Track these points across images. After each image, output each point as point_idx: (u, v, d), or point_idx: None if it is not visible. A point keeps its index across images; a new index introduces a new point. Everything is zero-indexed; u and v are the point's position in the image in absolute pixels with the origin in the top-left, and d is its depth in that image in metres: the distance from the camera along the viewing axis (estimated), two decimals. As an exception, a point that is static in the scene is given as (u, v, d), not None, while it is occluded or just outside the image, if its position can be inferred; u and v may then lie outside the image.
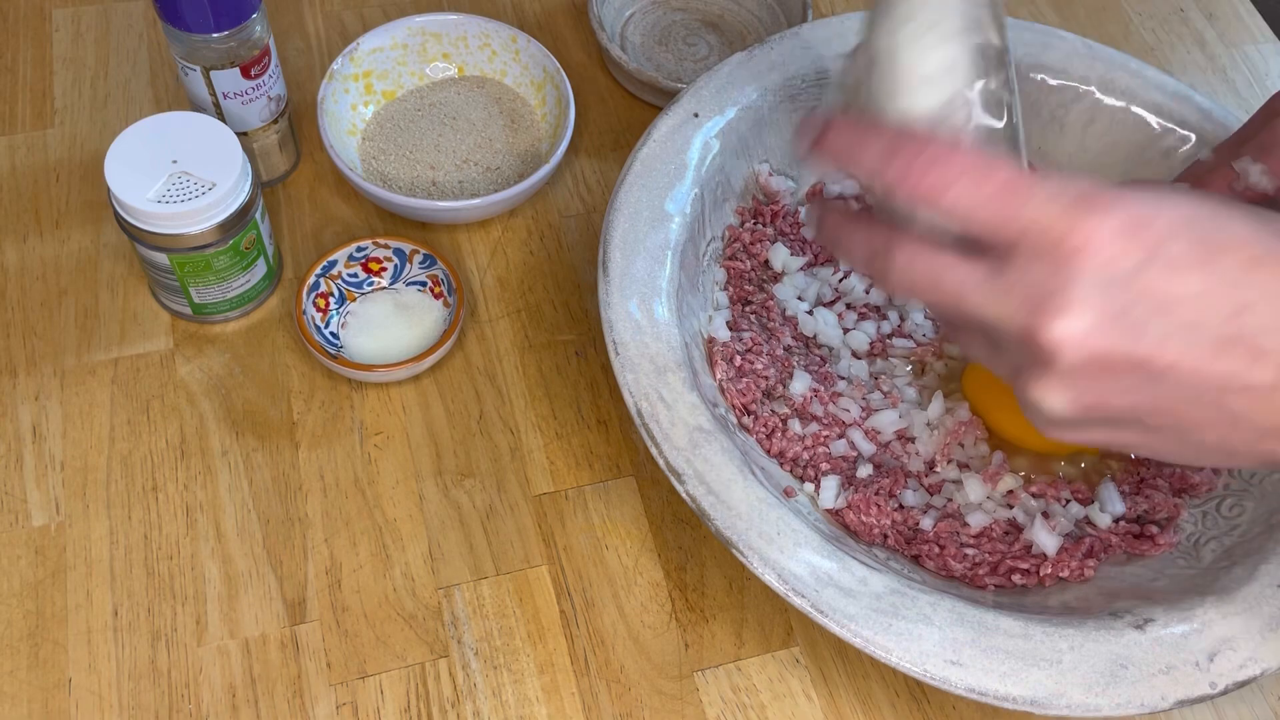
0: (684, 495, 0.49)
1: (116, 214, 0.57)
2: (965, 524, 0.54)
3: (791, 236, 0.63)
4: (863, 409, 0.58)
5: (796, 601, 0.47)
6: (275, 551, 0.56)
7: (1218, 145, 0.56)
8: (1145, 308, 0.35)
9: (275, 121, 0.65)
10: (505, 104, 0.71)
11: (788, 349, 0.59)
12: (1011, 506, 0.55)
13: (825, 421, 0.57)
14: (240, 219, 0.57)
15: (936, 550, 0.53)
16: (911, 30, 0.40)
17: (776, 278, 0.62)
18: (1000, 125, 0.42)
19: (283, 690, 0.53)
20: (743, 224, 0.62)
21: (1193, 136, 0.63)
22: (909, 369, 0.60)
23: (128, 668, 0.53)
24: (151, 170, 0.55)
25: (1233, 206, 0.37)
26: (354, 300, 0.63)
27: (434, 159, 0.68)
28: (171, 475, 0.58)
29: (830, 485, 0.54)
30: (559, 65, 0.68)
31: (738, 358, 0.57)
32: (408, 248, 0.63)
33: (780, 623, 0.56)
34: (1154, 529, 0.55)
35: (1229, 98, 0.80)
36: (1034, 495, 0.55)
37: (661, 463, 0.49)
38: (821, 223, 0.43)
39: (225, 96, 0.61)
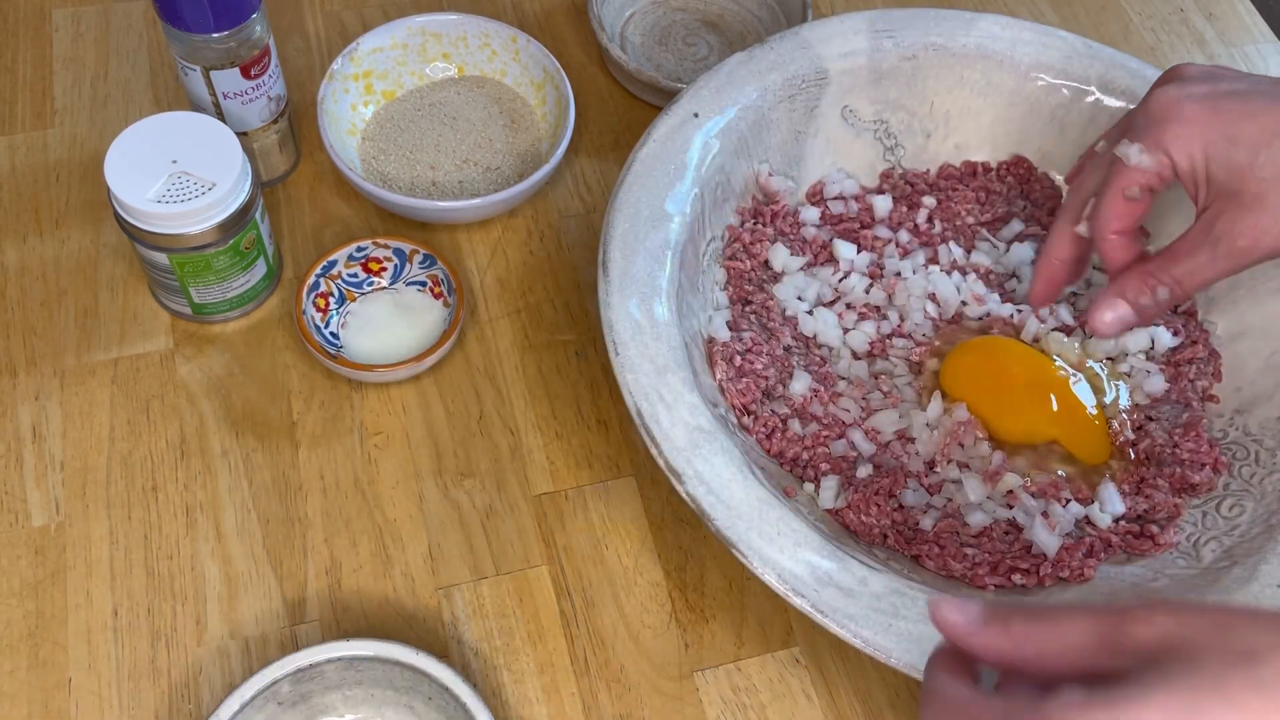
0: (684, 495, 0.49)
1: (116, 214, 0.57)
2: (965, 524, 0.54)
3: (791, 236, 0.63)
4: (862, 409, 0.58)
5: (796, 601, 0.47)
6: (275, 551, 0.56)
7: (1107, 132, 0.57)
8: None
9: (275, 121, 0.65)
10: (505, 104, 0.71)
11: (788, 349, 0.59)
12: (1011, 506, 0.55)
13: (825, 421, 0.57)
14: (240, 219, 0.57)
15: (936, 550, 0.53)
16: None
17: (776, 278, 0.62)
18: None
19: (283, 690, 0.53)
20: (743, 224, 0.62)
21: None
22: (908, 369, 0.60)
23: (128, 668, 0.53)
24: (151, 170, 0.55)
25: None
26: (354, 300, 0.63)
27: (434, 159, 0.68)
28: (171, 475, 0.58)
29: (830, 485, 0.54)
30: (559, 65, 0.68)
31: (738, 358, 0.57)
32: (408, 248, 0.63)
33: (780, 623, 0.56)
34: (1154, 529, 0.55)
35: (1229, 98, 0.80)
36: (1034, 495, 0.55)
37: (661, 463, 0.49)
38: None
39: (225, 96, 0.61)
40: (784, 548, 0.48)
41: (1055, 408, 0.57)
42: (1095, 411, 0.57)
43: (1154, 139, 0.52)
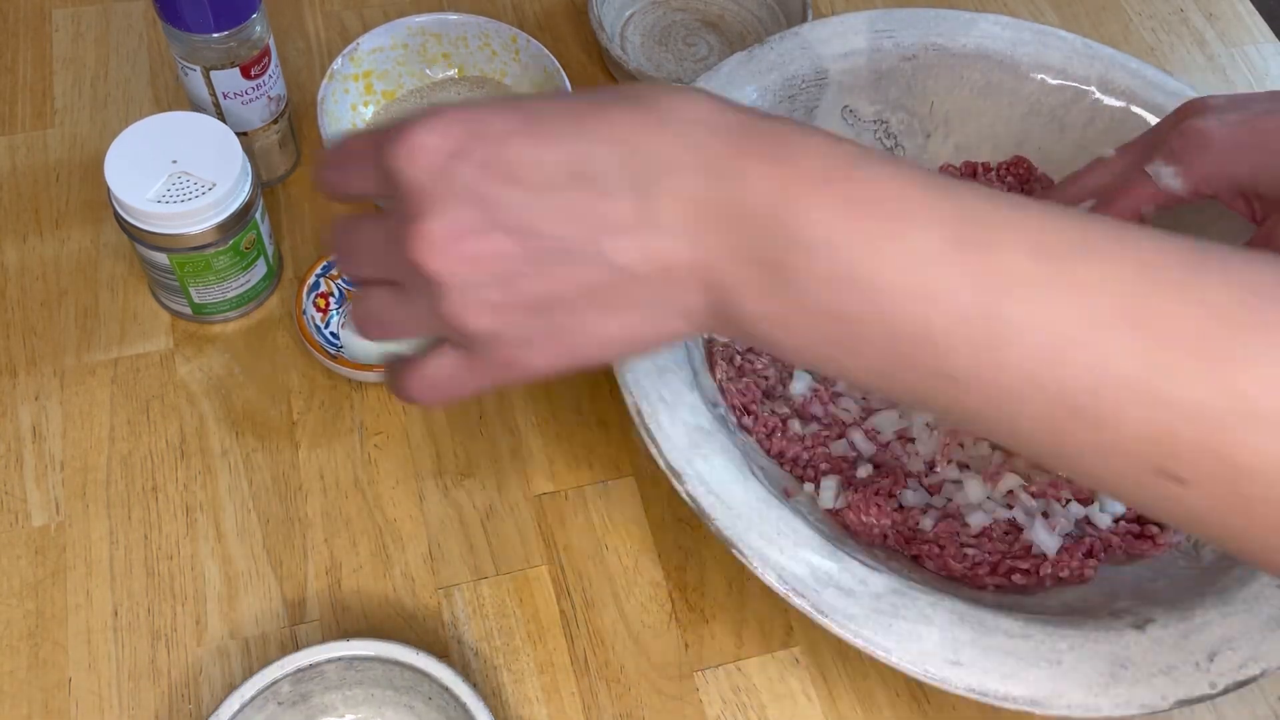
0: (684, 495, 0.49)
1: (116, 214, 0.57)
2: (965, 524, 0.54)
3: (791, 236, 0.63)
4: (862, 409, 0.58)
5: (796, 602, 0.47)
6: (275, 551, 0.56)
7: (1122, 146, 0.57)
8: (491, 186, 0.35)
9: (275, 121, 0.65)
10: (505, 104, 0.71)
11: (788, 349, 0.59)
12: (1011, 506, 0.55)
13: (825, 421, 0.57)
14: (240, 219, 0.57)
15: (936, 550, 0.53)
16: None
17: (776, 278, 0.62)
18: None
19: (283, 690, 0.53)
20: (743, 224, 0.62)
21: (1193, 136, 0.63)
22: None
23: (128, 668, 0.53)
24: (151, 170, 0.55)
25: (544, 96, 0.38)
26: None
27: (434, 159, 0.68)
28: (171, 475, 0.58)
29: (830, 485, 0.54)
30: (559, 65, 0.68)
31: (738, 358, 0.57)
32: (408, 248, 0.62)
33: (780, 623, 0.56)
34: (1154, 529, 0.55)
35: (1229, 98, 0.80)
36: (1034, 495, 0.55)
37: (661, 463, 0.49)
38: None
39: (225, 96, 0.61)
40: (784, 548, 0.48)
41: None
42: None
43: (1194, 168, 0.52)
